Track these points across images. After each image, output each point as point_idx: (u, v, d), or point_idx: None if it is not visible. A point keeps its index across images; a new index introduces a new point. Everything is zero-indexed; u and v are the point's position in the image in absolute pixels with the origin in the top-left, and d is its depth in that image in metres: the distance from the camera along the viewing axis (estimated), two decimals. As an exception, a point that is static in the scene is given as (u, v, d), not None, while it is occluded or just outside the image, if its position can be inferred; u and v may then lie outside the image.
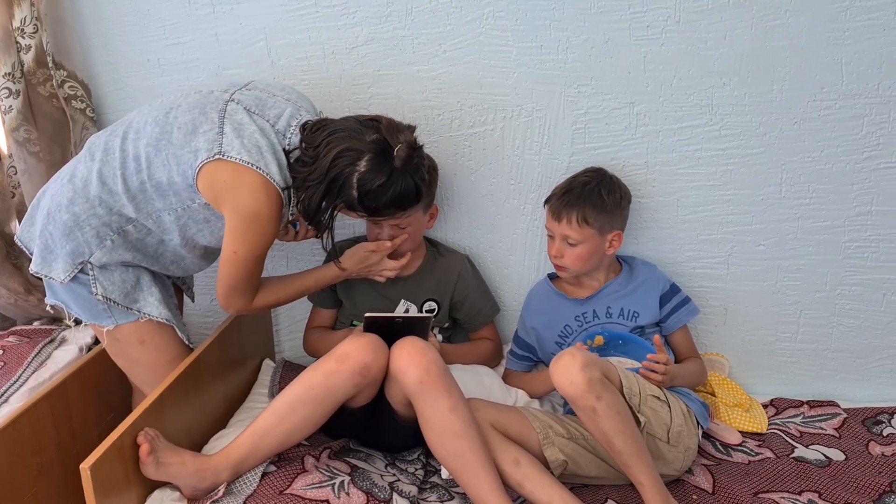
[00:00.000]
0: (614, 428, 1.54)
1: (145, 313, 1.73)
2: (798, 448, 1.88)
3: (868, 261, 2.03)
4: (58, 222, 1.64)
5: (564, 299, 1.99)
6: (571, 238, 1.88)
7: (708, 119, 1.95)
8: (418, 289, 2.01)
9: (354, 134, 1.58)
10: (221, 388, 1.90)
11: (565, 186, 1.92)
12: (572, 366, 1.54)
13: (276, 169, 1.56)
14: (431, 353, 1.61)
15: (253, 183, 1.54)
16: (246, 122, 1.57)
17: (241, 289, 1.67)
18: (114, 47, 2.04)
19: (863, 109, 1.90)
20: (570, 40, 1.92)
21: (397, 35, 1.95)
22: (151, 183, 1.60)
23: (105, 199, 1.62)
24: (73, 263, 1.65)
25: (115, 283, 1.69)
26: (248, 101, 1.61)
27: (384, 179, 1.57)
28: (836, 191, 1.97)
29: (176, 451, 1.55)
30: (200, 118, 1.58)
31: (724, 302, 2.11)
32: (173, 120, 1.59)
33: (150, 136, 1.60)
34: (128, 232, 1.66)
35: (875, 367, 2.12)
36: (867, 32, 1.83)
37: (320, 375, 1.61)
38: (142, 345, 1.76)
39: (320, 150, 1.57)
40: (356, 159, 1.56)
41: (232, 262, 1.62)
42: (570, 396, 1.56)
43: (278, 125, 1.61)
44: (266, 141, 1.56)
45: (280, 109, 1.63)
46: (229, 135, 1.54)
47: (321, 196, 1.59)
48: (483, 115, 2.01)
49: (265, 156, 1.55)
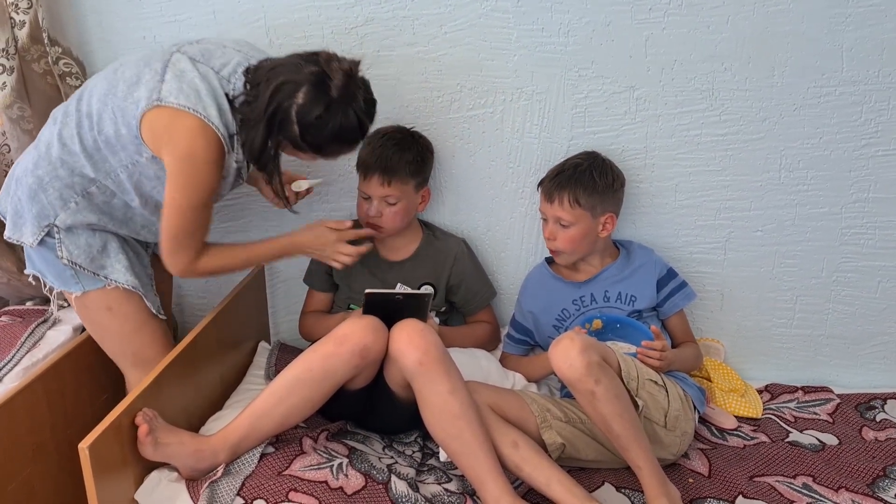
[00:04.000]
0: (613, 411, 1.54)
1: (112, 280, 1.73)
2: (793, 433, 1.89)
3: (864, 248, 2.04)
4: (24, 186, 1.66)
5: (562, 283, 1.99)
6: (564, 220, 1.88)
7: (708, 104, 1.94)
8: (415, 272, 2.01)
9: (293, 68, 1.55)
10: (218, 370, 1.89)
11: (557, 169, 1.92)
12: (571, 349, 1.54)
13: (215, 112, 1.54)
14: (431, 336, 1.61)
15: (190, 126, 1.53)
16: (188, 69, 1.56)
17: (182, 242, 1.63)
18: (109, 24, 2.01)
19: (862, 96, 1.90)
20: (572, 23, 1.91)
21: (397, 16, 1.94)
22: (102, 139, 1.61)
23: (66, 161, 1.63)
24: (39, 226, 1.67)
25: (81, 247, 1.69)
26: (194, 52, 1.61)
27: (321, 110, 1.53)
28: (834, 177, 1.98)
29: (174, 432, 1.54)
30: (144, 69, 1.58)
31: (721, 287, 2.12)
32: (120, 74, 1.61)
33: (99, 93, 1.61)
34: (92, 194, 1.66)
35: (869, 353, 2.14)
36: (869, 19, 1.83)
37: (319, 357, 1.61)
38: (109, 312, 1.76)
39: (261, 87, 1.55)
40: (294, 91, 1.53)
41: (172, 210, 1.59)
42: (568, 380, 1.56)
43: (223, 72, 1.60)
44: (206, 85, 1.55)
45: (227, 58, 1.62)
46: (169, 82, 1.54)
47: (263, 134, 1.57)
48: (483, 98, 2.00)
49: (203, 99, 1.54)
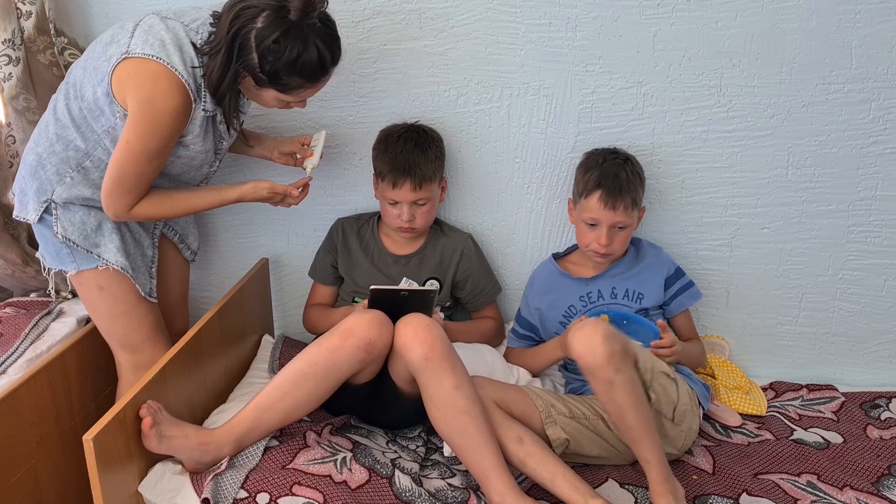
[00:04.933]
0: (629, 402, 1.54)
1: (104, 259, 1.75)
2: (797, 430, 1.89)
3: (871, 245, 2.03)
4: (26, 164, 1.72)
5: (569, 279, 1.99)
6: (621, 223, 1.87)
7: (716, 100, 1.94)
8: (421, 267, 2.00)
9: None
10: (222, 363, 1.89)
11: (607, 174, 1.86)
12: (595, 336, 1.53)
13: (178, 59, 1.56)
14: (437, 330, 1.60)
15: (153, 72, 1.55)
16: (156, 24, 1.59)
17: (126, 187, 1.63)
18: (115, 15, 2.00)
19: (871, 94, 1.89)
20: (580, 18, 1.90)
21: (404, 9, 1.93)
22: (84, 104, 1.64)
23: (61, 135, 1.67)
24: (38, 202, 1.71)
25: (76, 223, 1.72)
26: (168, 12, 1.64)
27: (279, 33, 1.51)
28: (842, 175, 1.97)
29: (178, 425, 1.54)
30: (118, 31, 1.63)
31: (727, 284, 2.11)
32: (97, 41, 1.66)
33: (81, 62, 1.68)
34: (87, 168, 1.69)
35: (874, 351, 2.13)
36: (879, 16, 1.82)
37: (324, 351, 1.60)
38: (100, 291, 1.78)
39: (222, 19, 1.56)
40: (254, 16, 1.53)
41: (122, 152, 1.59)
42: (588, 366, 1.55)
43: (192, 25, 1.62)
44: (171, 35, 1.58)
45: (199, 14, 1.64)
46: (137, 36, 1.57)
47: (223, 62, 1.56)
48: (489, 93, 1.99)
49: (167, 48, 1.56)
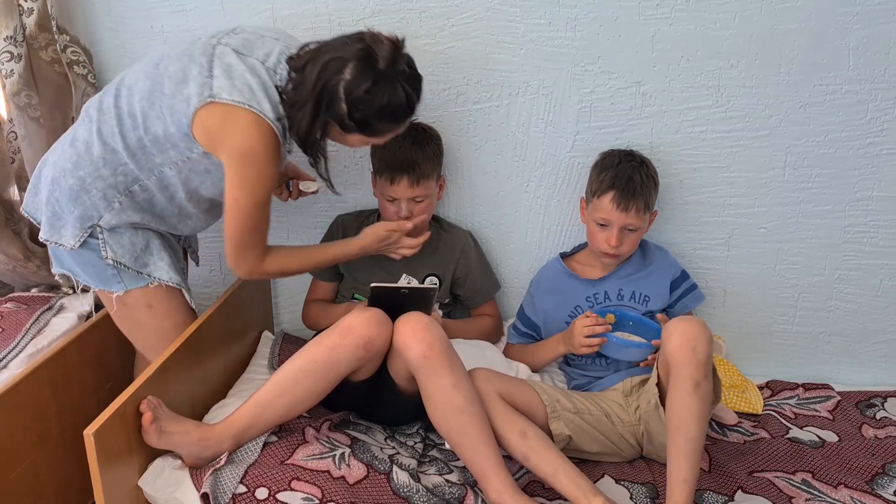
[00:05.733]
0: (700, 412, 1.53)
1: (155, 277, 1.71)
2: (792, 429, 1.90)
3: (867, 246, 2.04)
4: (63, 188, 1.62)
5: (576, 280, 1.99)
6: (633, 225, 1.87)
7: (714, 101, 1.95)
8: (420, 263, 2.01)
9: (338, 46, 1.55)
10: (222, 359, 1.90)
11: (622, 176, 1.86)
12: (702, 334, 1.55)
13: (268, 106, 1.54)
14: (435, 329, 1.61)
15: (246, 121, 1.52)
16: (235, 63, 1.55)
17: (247, 243, 1.64)
18: (117, 13, 2.01)
19: (868, 95, 1.90)
20: (579, 18, 1.91)
21: (404, 8, 1.94)
22: (149, 137, 1.59)
23: (108, 159, 1.61)
24: (82, 228, 1.64)
25: (125, 246, 1.68)
26: (236, 44, 1.59)
27: (370, 83, 1.52)
28: (839, 175, 1.98)
29: (179, 420, 1.55)
30: (190, 65, 1.56)
31: (724, 284, 2.13)
32: (163, 70, 1.58)
33: (142, 91, 1.58)
34: (134, 192, 1.65)
35: (870, 351, 2.15)
36: (877, 17, 1.83)
37: (324, 348, 1.61)
38: (150, 309, 1.74)
39: (307, 69, 1.54)
40: (341, 68, 1.52)
41: (234, 211, 1.59)
42: (683, 362, 1.54)
43: (268, 62, 1.59)
44: (256, 79, 1.54)
45: (269, 48, 1.61)
46: (219, 77, 1.53)
47: (311, 114, 1.55)
48: (489, 91, 2.00)
49: (256, 94, 1.53)
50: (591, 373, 1.91)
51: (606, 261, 1.94)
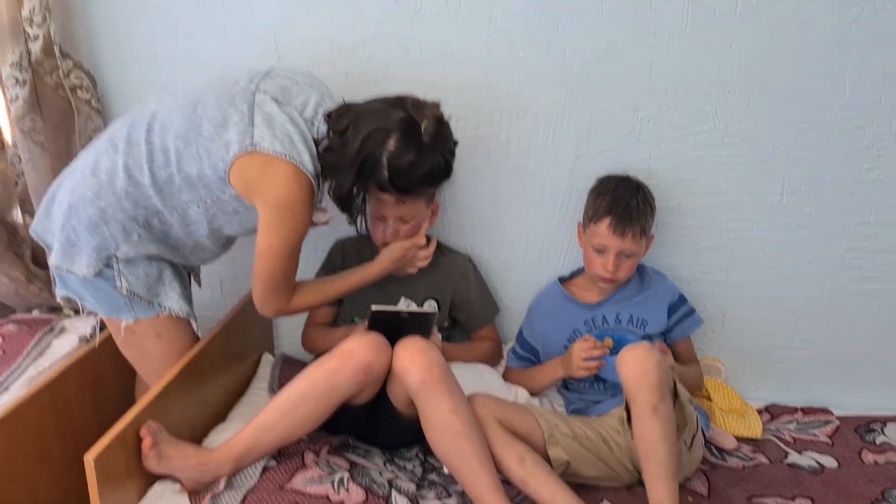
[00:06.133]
0: (664, 435, 1.54)
1: (166, 307, 1.73)
2: (791, 454, 1.90)
3: (865, 271, 2.05)
4: (82, 216, 1.62)
5: (574, 304, 2.00)
6: (629, 251, 1.89)
7: (712, 126, 1.96)
8: (419, 287, 2.02)
9: (381, 114, 1.59)
10: (222, 382, 1.91)
11: (618, 202, 1.87)
12: (648, 359, 1.57)
13: (307, 158, 1.57)
14: (434, 354, 1.62)
15: (286, 173, 1.55)
16: (275, 113, 1.57)
17: (278, 286, 1.67)
18: (122, 39, 2.04)
19: (865, 121, 1.92)
20: (577, 45, 1.93)
21: (405, 34, 1.96)
22: (181, 176, 1.60)
23: (132, 193, 1.61)
24: (98, 258, 1.64)
25: (140, 276, 1.69)
26: (275, 91, 1.62)
27: (414, 156, 1.58)
28: (836, 200, 2.00)
29: (178, 445, 1.55)
30: (230, 110, 1.58)
31: (723, 308, 2.13)
32: (202, 112, 1.59)
33: (178, 129, 1.59)
34: (153, 225, 1.66)
35: (869, 375, 2.15)
36: (873, 45, 1.85)
37: (324, 373, 1.62)
38: (158, 338, 1.75)
39: (348, 135, 1.58)
40: (385, 138, 1.57)
41: (267, 257, 1.62)
42: (636, 386, 1.57)
43: (306, 113, 1.62)
44: (297, 130, 1.57)
45: (305, 97, 1.64)
46: (260, 126, 1.55)
47: (353, 180, 1.60)
48: (489, 117, 2.02)
49: (297, 146, 1.56)
50: (589, 397, 1.92)
51: (603, 286, 1.94)
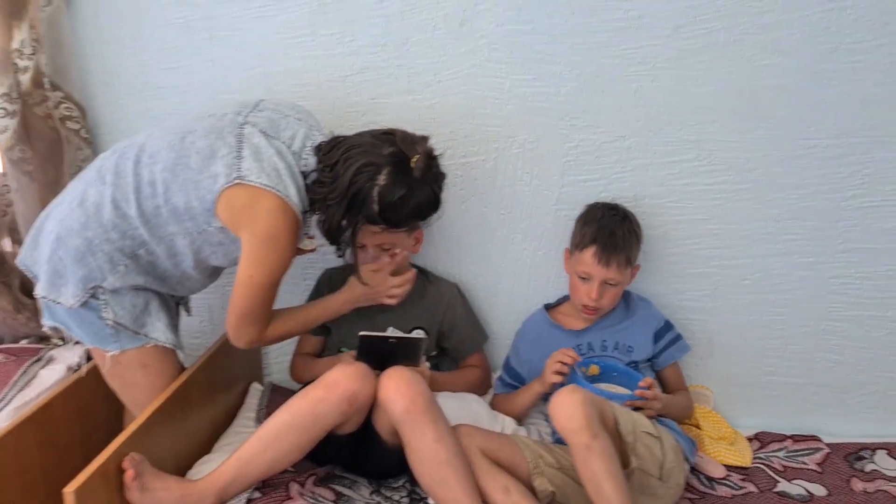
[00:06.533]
0: (606, 470, 1.54)
1: (152, 338, 1.73)
2: (781, 482, 1.89)
3: (852, 297, 2.05)
4: (69, 247, 1.63)
5: (560, 331, 2.01)
6: (614, 280, 1.89)
7: (696, 154, 1.98)
8: (407, 316, 2.02)
9: (371, 149, 1.60)
10: (208, 412, 1.90)
11: (604, 230, 1.89)
12: (572, 401, 1.56)
13: (294, 191, 1.58)
14: (419, 384, 1.62)
15: (272, 205, 1.56)
16: (263, 146, 1.58)
17: (254, 316, 1.66)
18: (111, 70, 2.05)
19: (848, 149, 1.93)
20: (563, 74, 1.94)
21: (392, 64, 1.98)
22: (167, 207, 1.60)
23: (119, 224, 1.62)
24: (84, 289, 1.64)
25: (126, 307, 1.69)
26: (263, 124, 1.63)
27: (404, 191, 1.60)
28: (821, 228, 2.00)
29: (161, 477, 1.55)
30: (218, 143, 1.59)
31: (710, 335, 2.13)
32: (190, 145, 1.60)
33: (166, 161, 1.60)
34: (139, 256, 1.66)
35: (858, 402, 2.15)
36: (853, 74, 1.87)
37: (308, 403, 1.62)
38: (143, 369, 1.75)
39: (338, 169, 1.59)
40: (375, 173, 1.58)
41: (247, 287, 1.62)
42: (566, 430, 1.57)
43: (294, 146, 1.63)
44: (284, 163, 1.58)
45: (293, 130, 1.65)
46: (248, 158, 1.56)
47: (343, 213, 1.61)
48: (476, 146, 2.03)
49: (284, 179, 1.57)
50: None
51: (587, 315, 1.95)
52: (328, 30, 1.96)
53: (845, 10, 1.83)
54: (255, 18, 1.98)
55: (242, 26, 1.99)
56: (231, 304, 1.65)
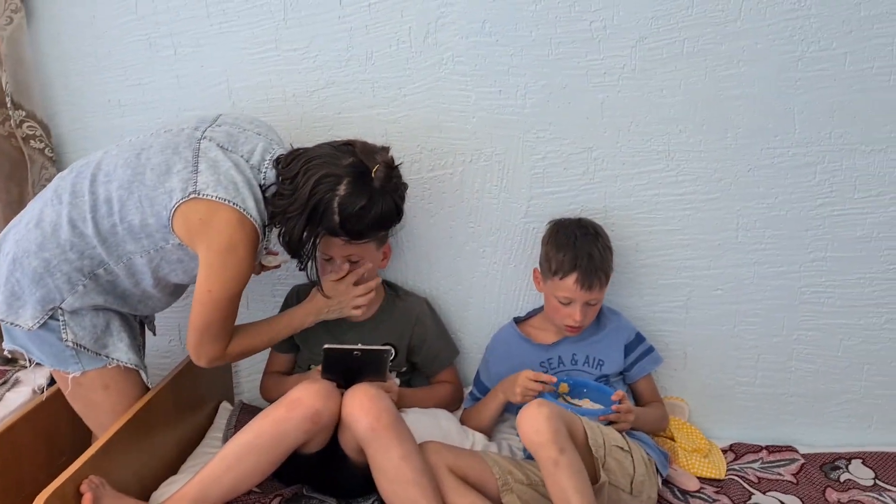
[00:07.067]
0: (573, 485, 1.52)
1: (114, 358, 1.70)
2: (755, 494, 1.87)
3: (824, 306, 2.04)
4: (26, 269, 1.60)
5: (530, 345, 1.99)
6: (595, 299, 1.89)
7: (664, 165, 1.97)
8: (376, 332, 2.00)
9: (330, 160, 1.59)
10: (175, 433, 1.87)
11: (582, 255, 1.85)
12: (539, 415, 1.54)
13: (252, 204, 1.56)
14: (383, 401, 1.60)
15: (229, 219, 1.53)
16: (221, 159, 1.56)
17: (214, 333, 1.63)
18: (75, 88, 2.04)
19: (815, 157, 1.92)
20: (529, 86, 1.94)
21: (357, 79, 1.97)
22: (123, 226, 1.58)
23: (76, 244, 1.59)
24: (42, 310, 1.62)
25: (86, 328, 1.66)
26: (221, 138, 1.61)
27: (365, 201, 1.59)
28: (791, 237, 1.99)
29: (121, 500, 1.52)
30: (174, 158, 1.57)
31: (684, 346, 2.12)
32: (146, 161, 1.58)
33: (121, 179, 1.58)
34: (99, 275, 1.63)
35: (833, 411, 2.13)
36: (818, 82, 1.87)
37: (270, 422, 1.59)
38: (105, 390, 1.72)
39: (298, 180, 1.57)
40: (335, 184, 1.57)
41: (205, 303, 1.59)
42: (534, 445, 1.55)
43: (252, 160, 1.61)
44: (242, 176, 1.56)
45: (252, 144, 1.63)
46: (204, 173, 1.54)
47: (303, 225, 1.59)
48: (442, 159, 2.02)
49: (241, 192, 1.55)
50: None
51: (570, 333, 1.93)
52: (292, 45, 1.95)
53: (809, 19, 1.83)
54: (219, 34, 1.97)
55: (206, 42, 1.98)
56: (190, 321, 1.63)
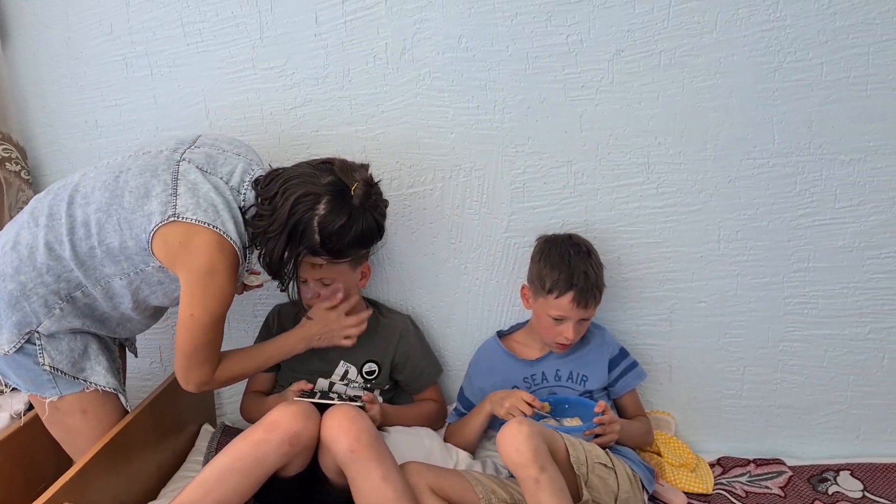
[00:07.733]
0: (556, 502, 1.51)
1: (92, 382, 1.68)
2: (743, 509, 1.86)
3: (808, 317, 2.03)
4: (2, 292, 1.59)
5: (514, 360, 1.97)
6: (588, 316, 1.88)
7: (645, 177, 1.96)
8: (359, 350, 1.98)
9: (309, 178, 1.58)
10: (155, 457, 1.85)
11: (577, 275, 1.83)
12: (519, 434, 1.53)
13: (231, 226, 1.55)
14: (363, 422, 1.58)
15: (209, 241, 1.52)
16: (200, 182, 1.55)
17: (201, 357, 1.61)
18: (51, 109, 2.03)
19: (795, 168, 1.92)
20: (507, 101, 1.93)
21: (335, 96, 1.96)
22: (102, 248, 1.57)
23: (53, 267, 1.58)
24: (19, 334, 1.60)
25: (63, 352, 1.64)
26: (200, 160, 1.60)
27: (345, 220, 1.57)
28: (774, 247, 1.98)
29: (97, 527, 1.50)
30: (153, 181, 1.55)
31: (669, 359, 2.10)
32: (124, 184, 1.57)
33: (99, 201, 1.56)
34: (76, 298, 1.62)
35: (820, 423, 2.11)
36: (796, 93, 1.86)
37: (248, 445, 1.57)
38: (83, 415, 1.70)
39: (277, 201, 1.56)
40: (315, 203, 1.56)
41: (189, 327, 1.57)
42: (514, 464, 1.54)
43: (232, 182, 1.60)
44: (221, 199, 1.55)
45: (232, 166, 1.62)
46: (184, 196, 1.53)
47: (283, 245, 1.58)
48: (422, 175, 2.01)
49: (221, 214, 1.53)
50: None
51: (560, 349, 1.92)
52: (269, 63, 1.95)
53: (785, 30, 1.82)
54: (195, 53, 1.96)
55: (183, 62, 1.97)
56: (177, 346, 1.61)
